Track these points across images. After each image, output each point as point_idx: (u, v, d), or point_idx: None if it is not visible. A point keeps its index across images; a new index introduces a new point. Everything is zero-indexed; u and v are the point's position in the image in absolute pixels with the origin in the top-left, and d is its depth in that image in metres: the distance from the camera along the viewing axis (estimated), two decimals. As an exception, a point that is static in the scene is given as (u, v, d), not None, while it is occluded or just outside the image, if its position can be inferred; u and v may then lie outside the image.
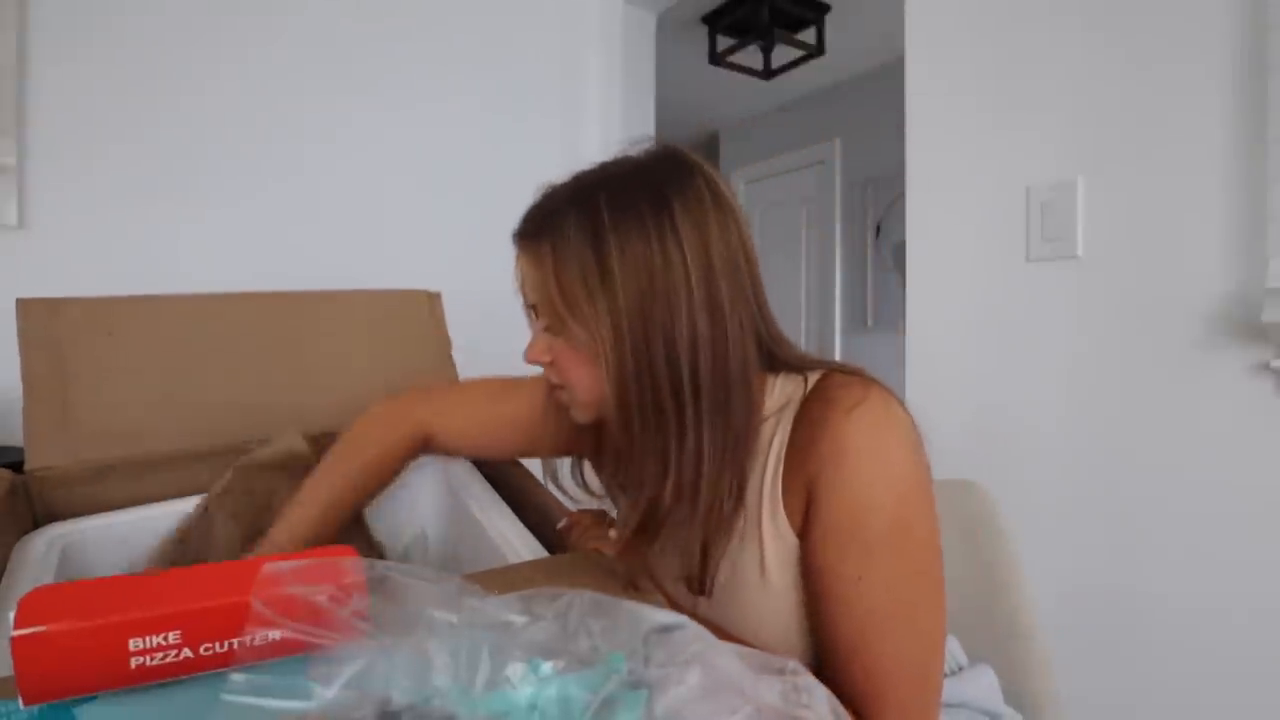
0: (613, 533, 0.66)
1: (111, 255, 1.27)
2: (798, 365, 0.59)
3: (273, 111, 1.43)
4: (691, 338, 0.52)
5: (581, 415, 0.61)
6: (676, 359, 0.52)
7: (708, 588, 0.58)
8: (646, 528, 0.59)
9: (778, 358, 0.59)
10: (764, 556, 0.56)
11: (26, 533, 0.73)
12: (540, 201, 0.58)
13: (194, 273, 1.32)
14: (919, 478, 0.53)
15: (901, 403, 0.56)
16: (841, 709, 0.35)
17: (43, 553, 0.69)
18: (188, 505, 0.77)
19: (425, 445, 0.81)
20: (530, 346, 0.62)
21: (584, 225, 0.53)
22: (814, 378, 0.58)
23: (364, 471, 0.75)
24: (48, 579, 0.65)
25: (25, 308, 0.80)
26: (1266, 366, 0.81)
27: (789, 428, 0.56)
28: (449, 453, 0.84)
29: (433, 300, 1.04)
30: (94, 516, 0.77)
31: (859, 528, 0.51)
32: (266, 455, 0.80)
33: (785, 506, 0.56)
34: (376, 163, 1.54)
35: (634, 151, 0.59)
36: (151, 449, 0.80)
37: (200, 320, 0.90)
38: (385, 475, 0.78)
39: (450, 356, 1.03)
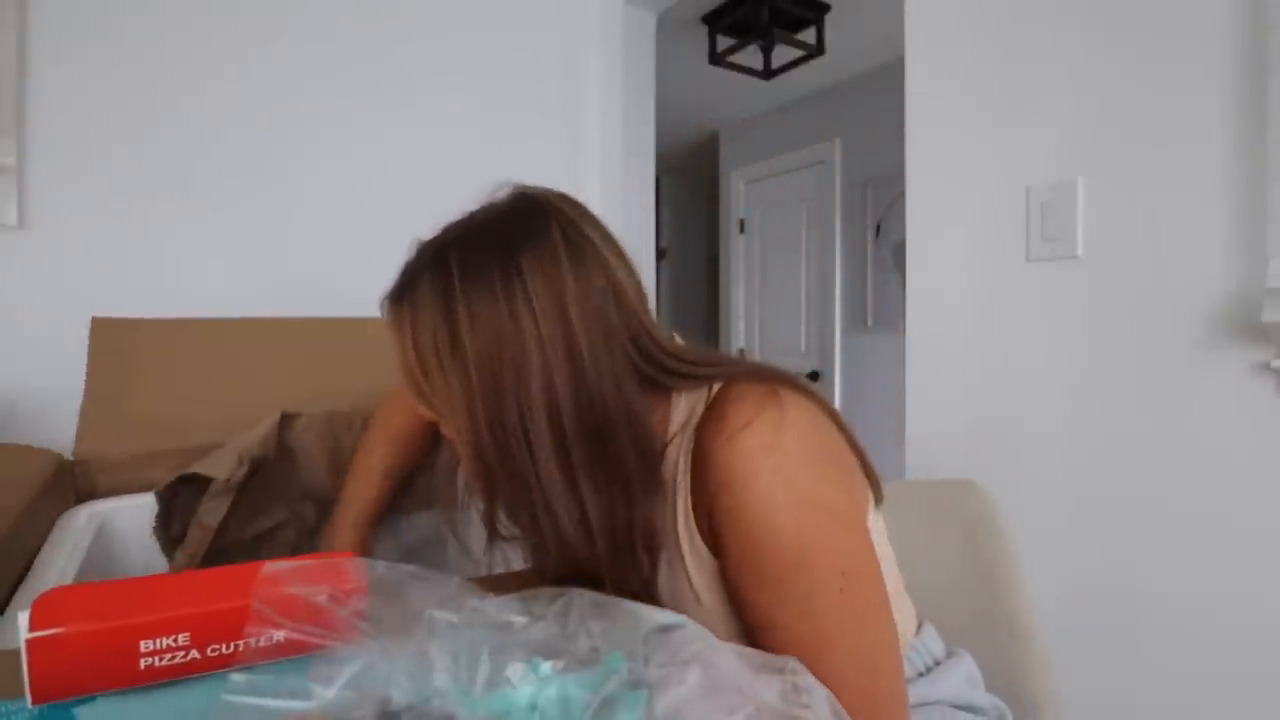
0: None
1: (111, 255, 1.27)
2: (701, 374, 0.56)
3: (273, 111, 1.43)
4: (549, 398, 0.50)
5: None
6: (533, 423, 0.50)
7: None
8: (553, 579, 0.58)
9: (674, 374, 0.56)
10: (690, 580, 0.55)
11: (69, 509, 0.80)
12: (408, 261, 0.57)
13: (194, 273, 1.32)
14: (818, 497, 0.50)
15: (820, 405, 0.54)
16: (841, 709, 0.35)
17: (81, 526, 0.76)
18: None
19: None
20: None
21: (436, 289, 0.52)
22: (717, 387, 0.55)
23: (399, 440, 0.80)
24: (81, 552, 0.71)
25: (99, 326, 0.90)
26: (1267, 366, 0.81)
27: (690, 445, 0.54)
28: None
29: None
30: (131, 496, 0.83)
31: (761, 556, 0.49)
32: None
33: (698, 529, 0.53)
34: (376, 163, 1.54)
35: (497, 196, 0.57)
36: (191, 442, 0.86)
37: (257, 344, 1.01)
38: (412, 459, 0.82)
39: None
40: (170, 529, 0.72)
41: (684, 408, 0.56)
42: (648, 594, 0.56)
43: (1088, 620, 0.97)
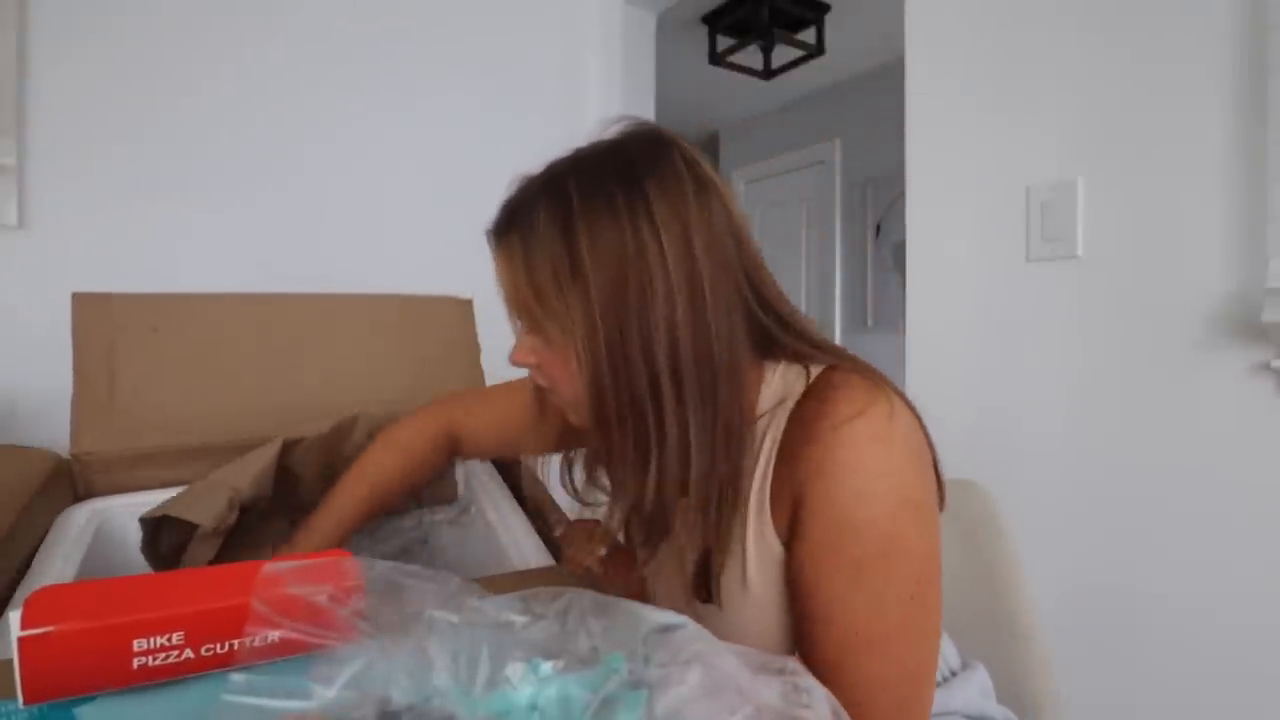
0: (603, 550, 0.65)
1: (111, 255, 1.27)
2: (803, 353, 0.55)
3: (272, 111, 1.43)
4: (670, 326, 0.49)
5: (576, 416, 0.58)
6: (653, 350, 0.49)
7: (715, 594, 0.55)
8: (634, 532, 0.57)
9: (779, 343, 0.55)
10: (745, 564, 0.53)
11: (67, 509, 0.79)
12: (513, 194, 0.55)
13: (194, 273, 1.32)
14: (917, 494, 0.50)
15: (909, 406, 0.53)
16: (841, 709, 0.34)
17: (81, 525, 0.75)
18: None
19: (454, 449, 0.82)
20: (515, 348, 0.59)
21: (554, 215, 0.51)
22: (816, 370, 0.54)
23: (395, 471, 0.77)
24: (80, 550, 0.70)
25: (80, 302, 0.85)
26: (1267, 366, 0.81)
27: (782, 426, 0.53)
28: (476, 455, 0.84)
29: (464, 306, 1.05)
30: (130, 494, 0.81)
31: (846, 545, 0.48)
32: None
33: (773, 512, 0.52)
34: (376, 163, 1.54)
35: (609, 132, 0.56)
36: (187, 440, 0.85)
37: (239, 319, 0.95)
38: (414, 477, 0.80)
39: (479, 363, 1.05)
40: (159, 547, 0.70)
41: (778, 386, 0.55)
42: (709, 551, 0.54)
43: (1088, 620, 0.97)
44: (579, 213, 0.50)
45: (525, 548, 0.74)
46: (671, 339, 0.49)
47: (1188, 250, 0.87)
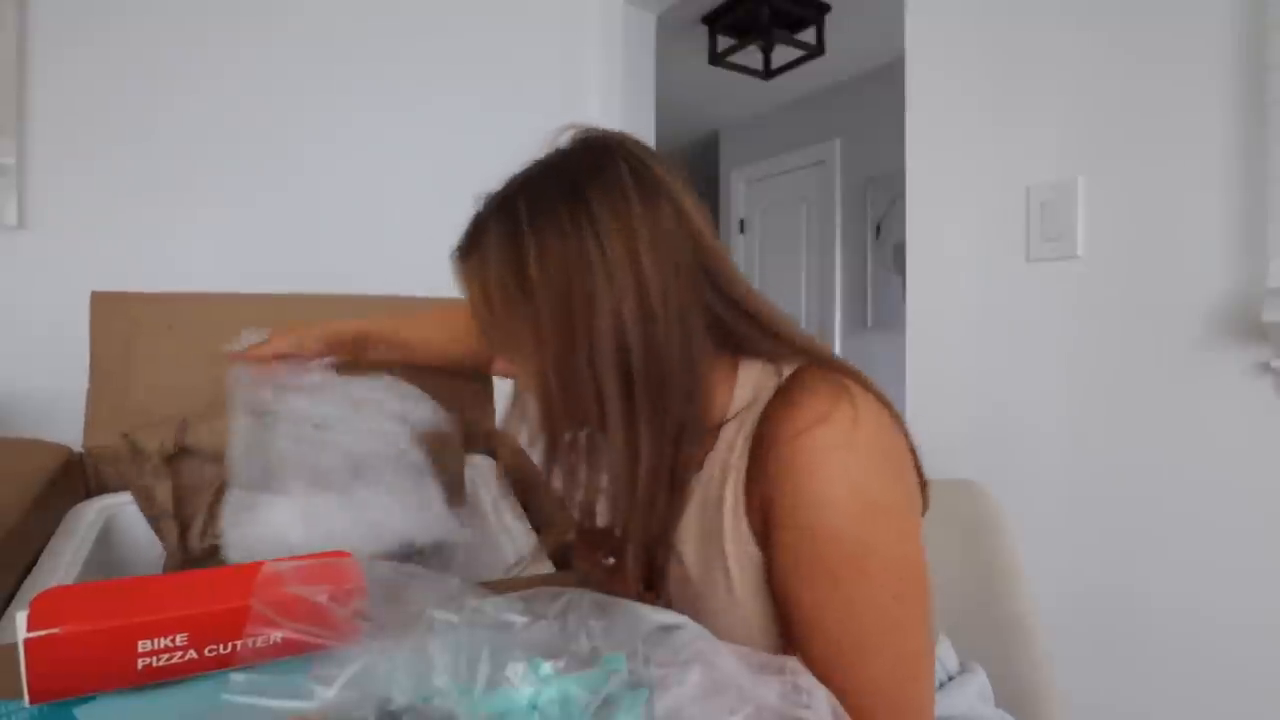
0: (611, 560, 0.65)
1: (111, 255, 1.27)
2: (776, 352, 0.55)
3: (272, 111, 1.43)
4: (617, 335, 0.50)
5: None
6: (599, 361, 0.50)
7: (660, 589, 0.56)
8: (592, 532, 0.58)
9: (749, 340, 0.55)
10: (728, 567, 0.53)
11: (79, 503, 0.80)
12: (475, 214, 0.57)
13: (194, 272, 1.31)
14: (884, 499, 0.49)
15: (885, 406, 0.53)
16: (841, 709, 0.35)
17: (90, 520, 0.76)
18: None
19: None
20: (495, 360, 0.61)
21: (503, 233, 0.52)
22: (788, 370, 0.53)
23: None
24: (87, 547, 0.71)
25: (98, 300, 0.88)
26: (1267, 366, 0.81)
27: (752, 429, 0.52)
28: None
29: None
30: None
31: (819, 555, 0.48)
32: None
33: (748, 516, 0.52)
34: (376, 162, 1.54)
35: (561, 140, 0.57)
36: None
37: (253, 318, 0.97)
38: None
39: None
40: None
41: (750, 386, 0.55)
42: (665, 541, 0.55)
43: (1088, 620, 0.97)
44: (527, 231, 0.51)
45: (526, 551, 0.74)
46: (619, 348, 0.50)
47: (1188, 250, 0.87)
